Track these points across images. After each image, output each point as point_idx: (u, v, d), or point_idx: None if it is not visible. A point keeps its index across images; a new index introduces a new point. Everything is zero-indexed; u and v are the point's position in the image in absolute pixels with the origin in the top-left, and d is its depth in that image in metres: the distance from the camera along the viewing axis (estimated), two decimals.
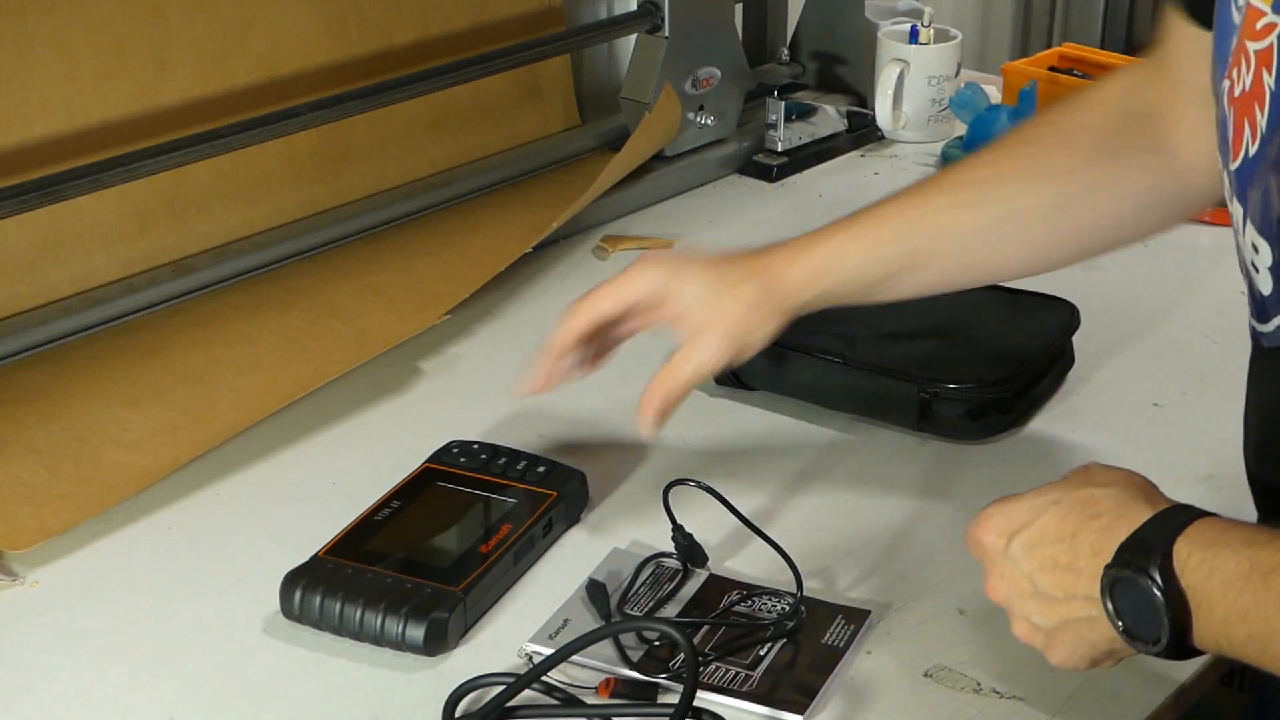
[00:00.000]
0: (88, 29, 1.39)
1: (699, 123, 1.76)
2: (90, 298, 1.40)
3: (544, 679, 0.95)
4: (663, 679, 0.97)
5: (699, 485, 1.10)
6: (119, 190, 1.38)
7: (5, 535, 1.11)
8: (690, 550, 1.09)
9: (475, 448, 1.17)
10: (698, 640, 1.01)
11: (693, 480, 1.10)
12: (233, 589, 1.08)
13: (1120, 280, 1.54)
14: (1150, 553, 0.78)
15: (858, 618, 1.04)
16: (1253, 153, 0.83)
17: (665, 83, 1.70)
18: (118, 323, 1.40)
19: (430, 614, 1.00)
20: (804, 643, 1.02)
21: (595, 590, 1.05)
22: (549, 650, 0.98)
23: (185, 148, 1.39)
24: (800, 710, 0.96)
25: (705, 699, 0.96)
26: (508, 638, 1.03)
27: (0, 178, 1.32)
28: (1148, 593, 0.78)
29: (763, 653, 1.01)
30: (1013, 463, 1.24)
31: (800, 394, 1.30)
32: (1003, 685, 0.99)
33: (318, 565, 1.05)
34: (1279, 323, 0.85)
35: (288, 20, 1.53)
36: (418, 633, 1.00)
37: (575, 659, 0.97)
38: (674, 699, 0.93)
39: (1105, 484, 0.85)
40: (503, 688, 0.94)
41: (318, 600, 1.02)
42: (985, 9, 2.82)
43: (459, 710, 0.95)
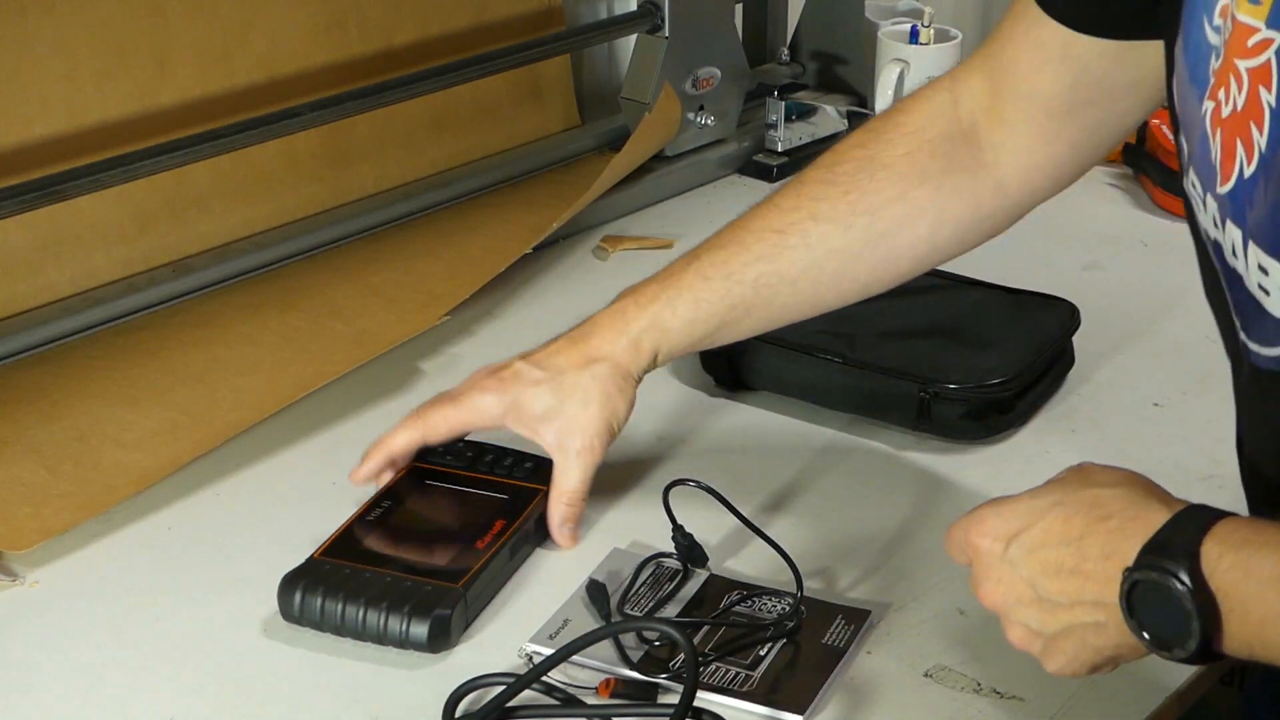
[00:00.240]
0: (88, 29, 1.39)
1: (699, 123, 1.76)
2: (90, 298, 1.40)
3: (544, 679, 0.95)
4: (663, 679, 0.97)
5: (699, 485, 1.10)
6: (119, 190, 1.38)
7: (5, 535, 1.11)
8: (690, 550, 1.09)
9: (460, 445, 1.17)
10: (698, 640, 1.01)
11: (693, 480, 1.10)
12: (233, 589, 1.08)
13: (1120, 280, 1.54)
14: (1175, 555, 0.75)
15: (858, 618, 1.04)
16: (1249, 173, 0.79)
17: (665, 83, 1.70)
18: (118, 323, 1.40)
19: (433, 611, 1.00)
20: (804, 643, 1.02)
21: (595, 590, 1.05)
22: (549, 650, 0.98)
23: (185, 148, 1.39)
24: (800, 710, 0.96)
25: (705, 699, 0.96)
26: (508, 638, 1.03)
27: (0, 178, 1.32)
28: (1175, 596, 0.74)
29: (763, 653, 1.01)
30: (1013, 463, 1.24)
31: (800, 394, 1.30)
32: (1003, 685, 0.99)
33: (315, 567, 1.05)
34: None
35: (288, 20, 1.52)
36: (421, 630, 1.00)
37: (575, 659, 0.97)
38: (674, 699, 0.93)
39: (1110, 484, 0.82)
40: (503, 688, 0.94)
41: (318, 602, 1.02)
42: (985, 9, 2.82)
43: (459, 710, 0.95)
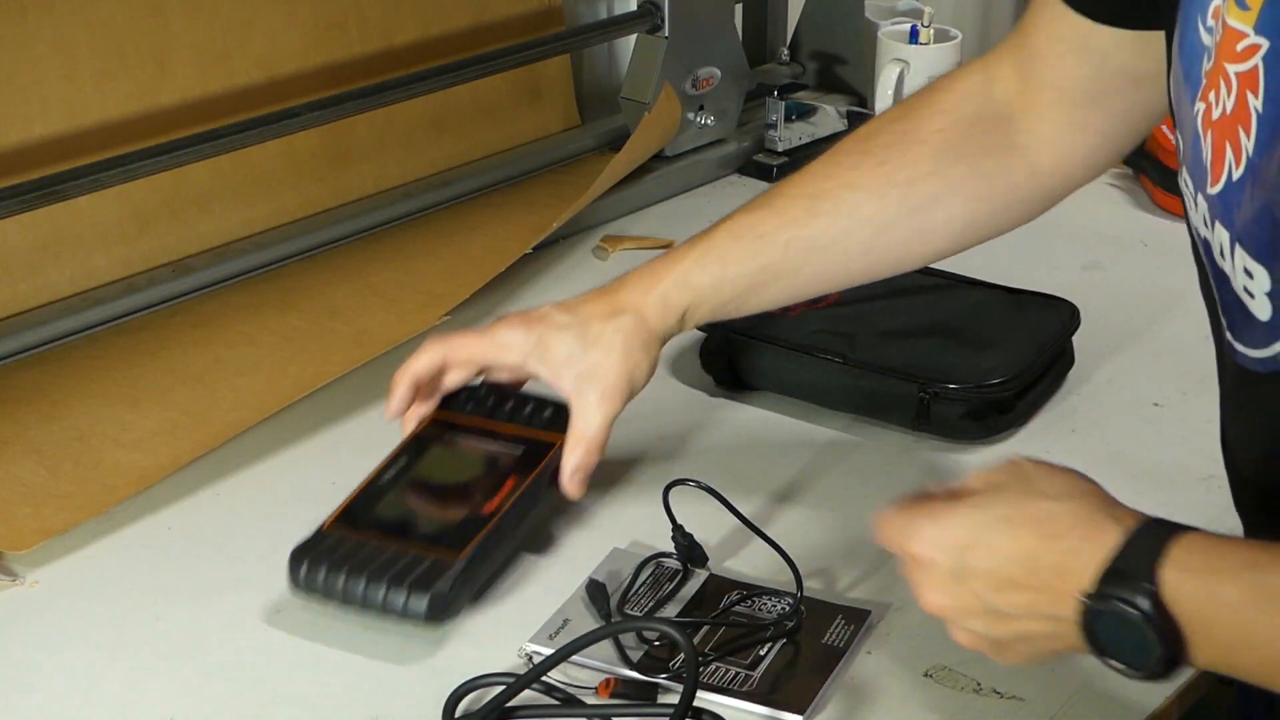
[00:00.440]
0: (88, 29, 1.39)
1: (699, 123, 1.76)
2: (90, 298, 1.40)
3: (544, 679, 0.95)
4: (663, 679, 0.97)
5: (699, 485, 1.10)
6: (119, 190, 1.38)
7: (5, 535, 1.11)
8: (690, 550, 1.09)
9: (483, 392, 1.15)
10: (698, 640, 1.01)
11: (693, 480, 1.10)
12: (233, 589, 1.08)
13: (1120, 280, 1.54)
14: (1134, 583, 0.74)
15: (858, 618, 1.04)
16: (1237, 177, 0.80)
17: (665, 83, 1.70)
18: (118, 323, 1.40)
19: (432, 586, 1.01)
20: (804, 643, 1.02)
21: (595, 590, 1.05)
22: (549, 650, 0.98)
23: (185, 148, 1.39)
24: (800, 710, 0.96)
25: (705, 699, 0.96)
26: (508, 638, 1.03)
27: (0, 178, 1.32)
28: (1136, 626, 0.74)
29: (763, 653, 1.01)
30: None
31: (800, 394, 1.30)
32: (1003, 685, 0.99)
33: (322, 539, 1.05)
34: (1279, 349, 0.81)
35: (288, 20, 1.52)
36: (420, 604, 1.00)
37: (575, 659, 0.97)
38: (674, 699, 0.93)
39: (1056, 496, 0.80)
40: (503, 688, 0.94)
41: (323, 576, 1.02)
42: (985, 9, 2.82)
43: (459, 710, 0.95)
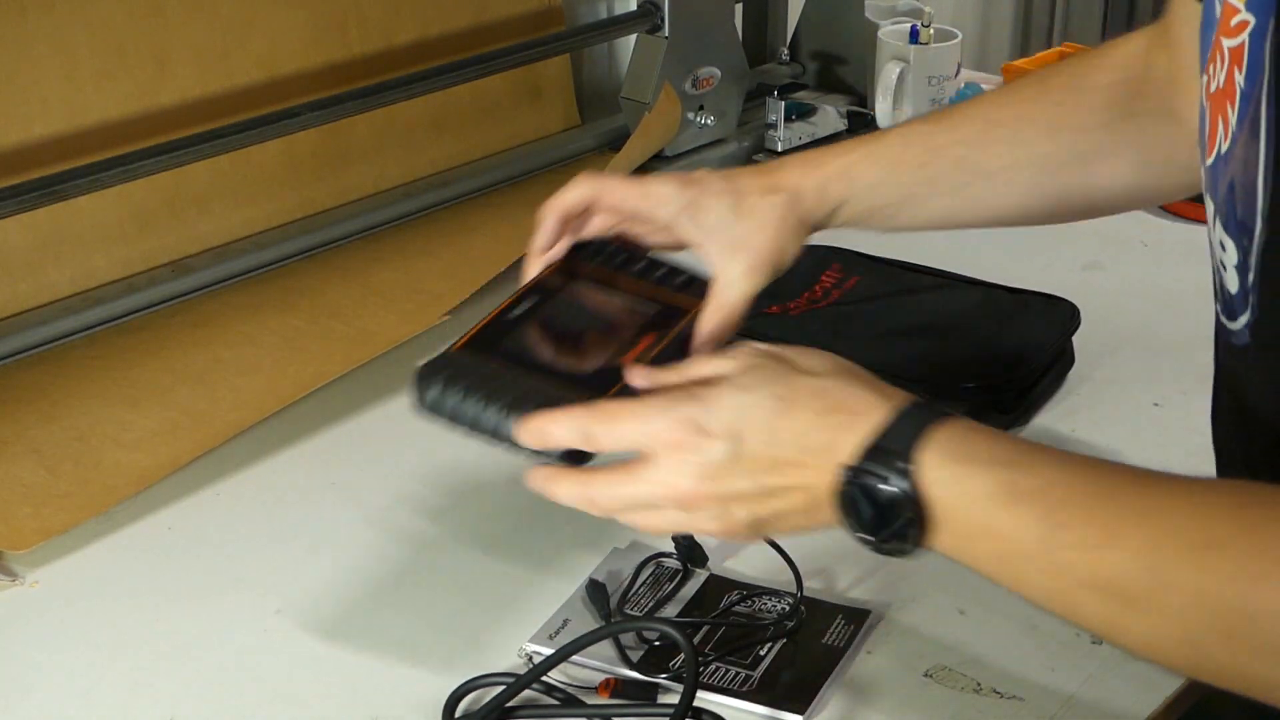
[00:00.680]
0: (88, 29, 1.39)
1: (699, 123, 1.76)
2: (90, 298, 1.40)
3: (544, 679, 0.95)
4: (663, 679, 0.97)
5: None
6: (119, 190, 1.38)
7: (5, 535, 1.11)
8: (690, 550, 1.09)
9: (612, 249, 1.05)
10: (698, 640, 1.01)
11: None
12: (233, 589, 1.08)
13: (1120, 280, 1.54)
14: (892, 461, 0.77)
15: (858, 618, 1.04)
16: (1224, 150, 0.81)
17: (665, 83, 1.70)
18: (118, 323, 1.40)
19: None
20: (804, 643, 1.02)
21: (595, 590, 1.05)
22: (549, 650, 0.98)
23: (185, 148, 1.39)
24: (800, 710, 0.96)
25: (705, 699, 0.96)
26: (508, 638, 1.03)
27: (0, 178, 1.32)
28: (888, 505, 0.76)
29: (763, 653, 1.01)
30: None
31: None
32: (1003, 685, 0.99)
33: (450, 361, 0.93)
34: (1246, 320, 0.83)
35: (288, 20, 1.52)
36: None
37: (575, 659, 0.97)
38: (674, 699, 0.93)
39: (822, 372, 0.82)
40: (503, 688, 0.94)
41: (453, 398, 0.90)
42: (985, 9, 2.82)
43: (459, 710, 0.95)
